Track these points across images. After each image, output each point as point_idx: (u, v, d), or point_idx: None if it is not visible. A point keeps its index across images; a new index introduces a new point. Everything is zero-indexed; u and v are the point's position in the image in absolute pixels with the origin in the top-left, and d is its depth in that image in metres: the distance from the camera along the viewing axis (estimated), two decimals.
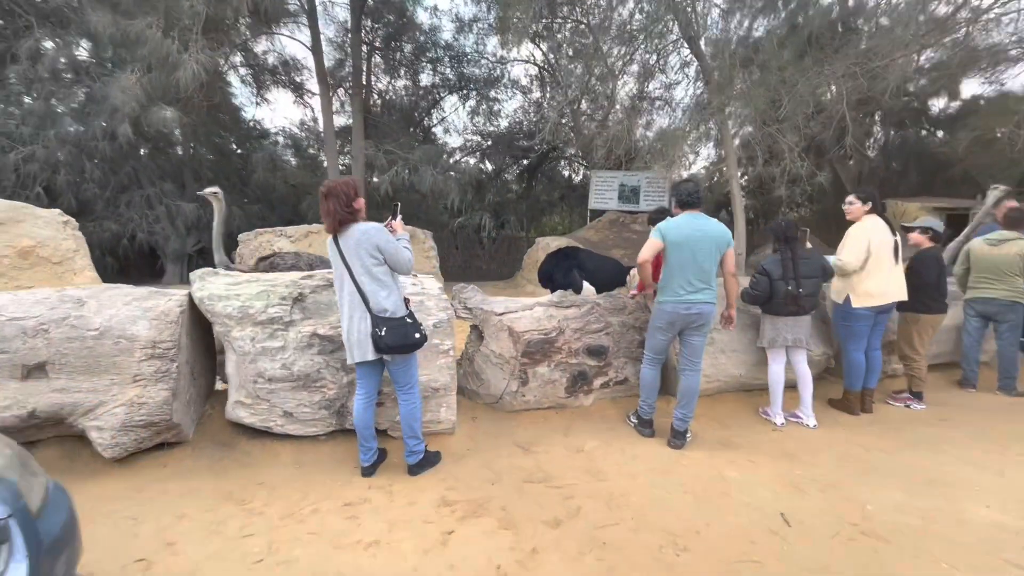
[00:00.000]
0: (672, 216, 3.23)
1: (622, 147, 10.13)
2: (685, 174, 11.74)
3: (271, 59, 13.67)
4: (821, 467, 2.94)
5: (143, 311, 2.69)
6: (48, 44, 10.43)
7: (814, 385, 3.65)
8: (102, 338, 2.59)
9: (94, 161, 10.99)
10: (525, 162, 18.60)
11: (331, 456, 2.93)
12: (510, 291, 10.56)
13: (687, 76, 11.18)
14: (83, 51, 11.46)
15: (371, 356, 2.56)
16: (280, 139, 16.70)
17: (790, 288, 3.42)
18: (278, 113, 34.55)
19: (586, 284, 4.92)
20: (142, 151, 12.35)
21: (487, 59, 16.05)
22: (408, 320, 2.60)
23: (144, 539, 2.17)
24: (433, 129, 17.45)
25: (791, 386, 3.70)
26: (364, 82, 13.13)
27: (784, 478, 2.78)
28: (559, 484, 2.71)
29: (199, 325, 3.08)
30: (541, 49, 15.45)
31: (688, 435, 3.22)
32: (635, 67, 11.53)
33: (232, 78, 13.88)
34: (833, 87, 8.58)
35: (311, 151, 17.28)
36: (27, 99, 10.69)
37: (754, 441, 3.30)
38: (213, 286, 2.89)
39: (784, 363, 3.61)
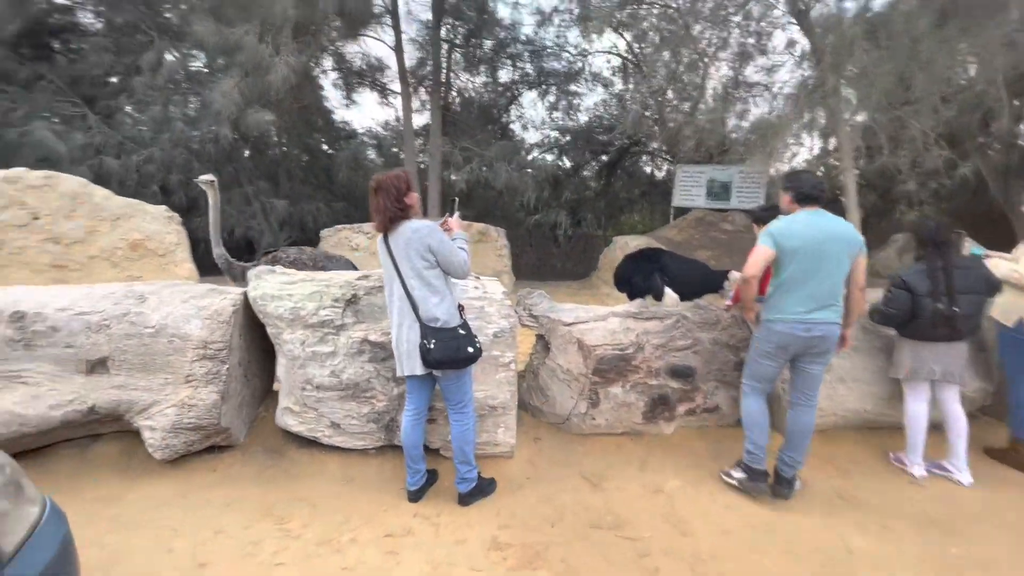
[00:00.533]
0: (784, 214, 2.63)
1: (713, 139, 9.24)
2: (786, 167, 10.53)
3: (357, 61, 14.17)
4: (987, 545, 2.23)
5: (197, 310, 2.61)
6: (168, 56, 11.50)
7: (969, 429, 2.87)
8: (157, 336, 2.54)
9: (202, 162, 11.97)
10: (604, 158, 17.90)
11: (379, 473, 2.70)
12: (585, 293, 10.06)
13: (793, 56, 9.98)
14: (196, 61, 12.55)
15: (420, 370, 2.27)
16: (365, 139, 17.39)
17: (941, 306, 2.69)
18: (365, 114, 36.32)
19: (669, 291, 4.36)
20: (246, 152, 13.31)
21: (568, 52, 15.59)
22: (461, 331, 2.28)
23: (178, 555, 2.03)
24: (510, 126, 17.29)
25: (934, 427, 2.94)
26: (443, 80, 13.18)
27: (936, 558, 2.12)
28: (632, 534, 2.27)
29: (256, 325, 2.98)
30: (625, 38, 14.71)
31: (797, 483, 2.62)
32: (730, 51, 10.52)
33: (324, 81, 14.60)
34: (980, 62, 7.16)
35: (393, 150, 17.83)
36: (149, 106, 11.84)
37: (886, 498, 2.63)
38: (267, 285, 2.76)
39: (927, 400, 2.86)
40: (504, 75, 15.70)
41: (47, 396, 2.47)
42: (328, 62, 13.64)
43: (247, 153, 13.25)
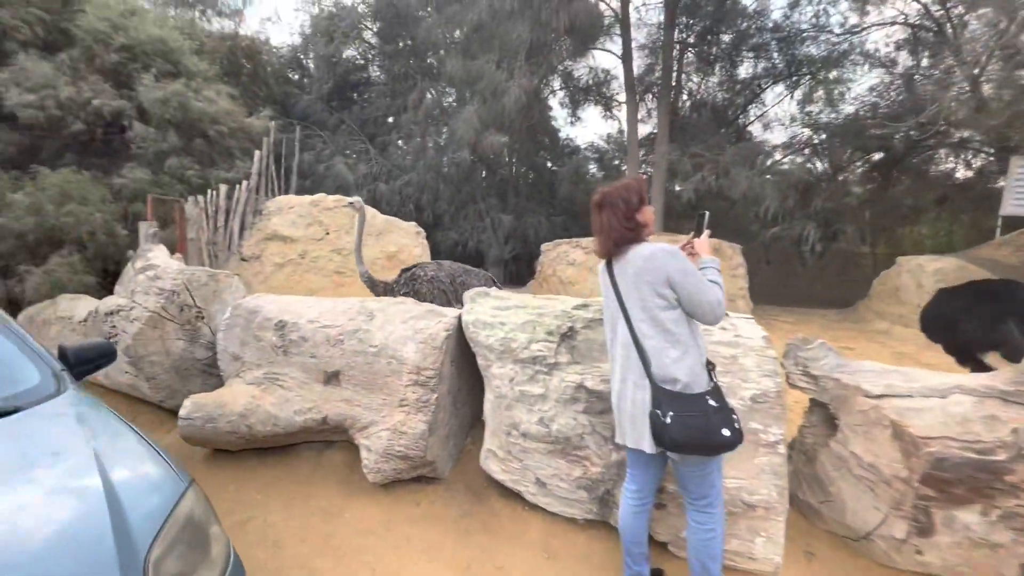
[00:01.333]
0: None
1: None
2: None
3: (584, 77, 14.30)
4: None
5: (413, 332, 2.52)
6: (427, 96, 13.46)
7: None
8: (379, 356, 2.52)
9: (447, 183, 13.62)
10: (877, 156, 14.24)
11: (586, 554, 2.18)
12: (848, 327, 7.89)
13: None
14: (448, 97, 14.42)
15: (649, 447, 1.67)
16: (587, 153, 17.54)
17: None
18: (588, 129, 37.22)
19: None
20: (482, 173, 14.73)
21: (830, 33, 12.92)
22: (711, 401, 1.60)
23: None
24: (748, 127, 15.19)
25: None
26: (673, 83, 12.25)
27: None
28: None
29: (469, 350, 2.80)
30: (920, 1, 11.40)
31: None
32: None
33: (551, 102, 15.21)
34: None
35: (614, 162, 17.55)
36: (411, 139, 14.04)
37: None
38: (481, 309, 2.53)
39: None
40: (743, 71, 13.88)
41: (294, 401, 2.67)
42: (556, 82, 14.11)
43: (483, 173, 14.58)
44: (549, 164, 16.46)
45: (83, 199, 6.15)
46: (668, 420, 1.56)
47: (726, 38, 13.27)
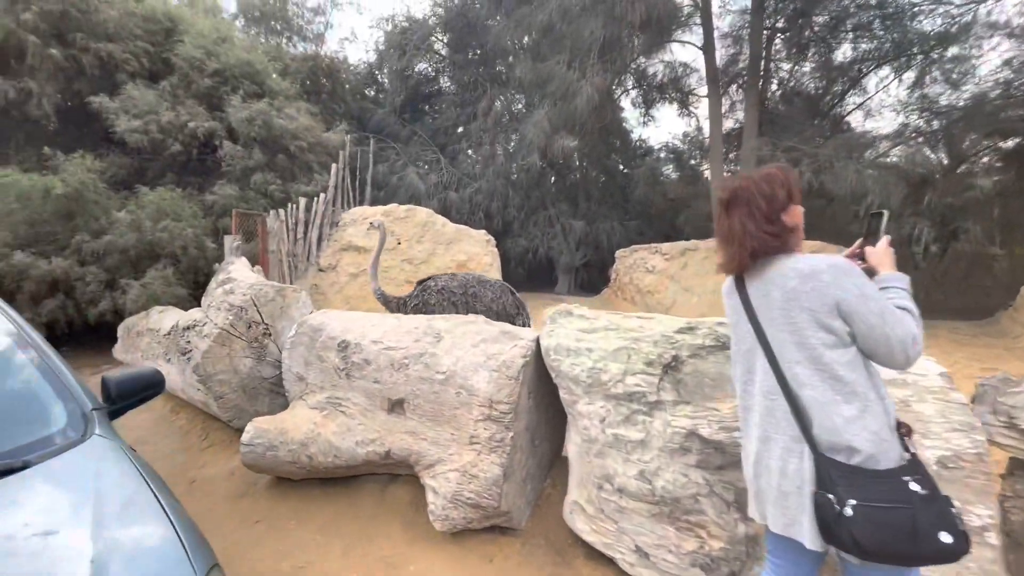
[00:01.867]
0: None
1: None
2: None
3: (658, 74, 13.55)
4: None
5: (486, 358, 2.18)
6: (496, 103, 13.36)
7: None
8: (446, 384, 2.21)
9: (516, 189, 13.41)
10: (1013, 142, 12.23)
11: None
12: (988, 343, 6.64)
13: None
14: (517, 103, 14.25)
15: (810, 542, 1.19)
16: (661, 154, 16.67)
17: None
18: (662, 129, 35.72)
19: None
20: (551, 180, 14.39)
21: (948, 4, 11.28)
22: (915, 486, 1.10)
23: None
24: (846, 117, 13.65)
25: None
26: (761, 72, 11.24)
27: None
28: None
29: (548, 376, 2.43)
30: None
31: None
32: None
33: (623, 102, 14.58)
34: None
35: (691, 162, 16.53)
36: (481, 146, 13.99)
37: None
38: (563, 332, 2.15)
39: None
40: (841, 54, 12.49)
41: (356, 431, 2.43)
42: (628, 82, 13.48)
43: (552, 178, 14.22)
44: (621, 167, 15.78)
45: (176, 215, 6.51)
46: (848, 511, 1.08)
47: (820, 19, 12.01)
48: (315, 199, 8.14)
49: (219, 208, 7.64)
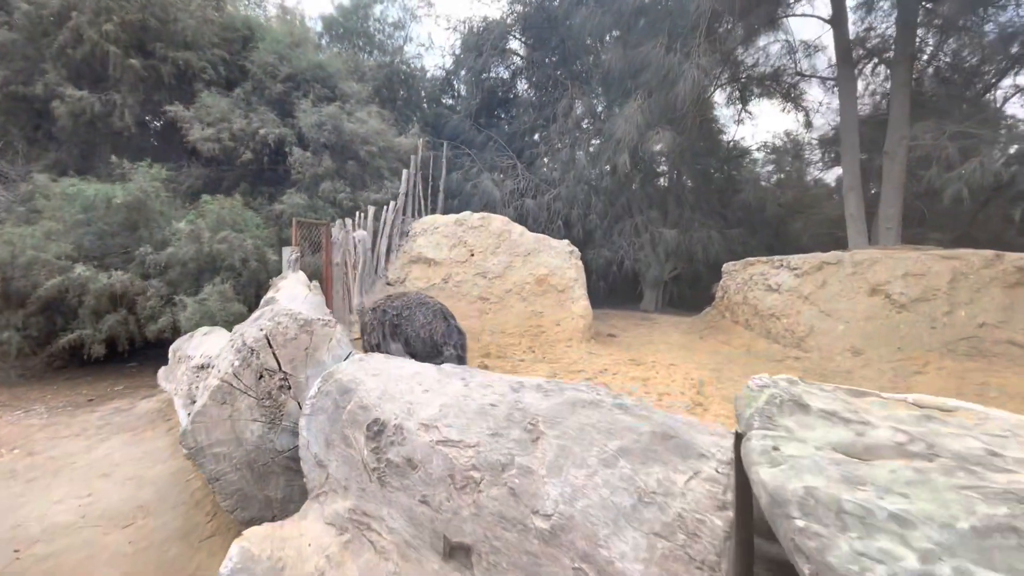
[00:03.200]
0: None
1: None
2: None
3: (761, 61, 11.77)
4: None
5: (635, 498, 1.07)
6: (576, 103, 12.28)
7: None
8: (551, 541, 1.13)
9: (598, 195, 12.20)
10: None
11: None
12: None
13: None
14: (599, 103, 13.06)
15: None
16: (762, 154, 14.71)
17: None
18: (759, 127, 32.63)
19: None
20: (634, 185, 13.02)
21: None
22: None
23: None
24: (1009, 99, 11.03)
25: None
26: (912, 45, 9.24)
27: None
28: None
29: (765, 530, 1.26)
30: None
31: None
32: None
33: (717, 98, 12.91)
34: None
35: (798, 163, 14.40)
36: (560, 151, 12.95)
37: None
38: (805, 458, 0.98)
39: None
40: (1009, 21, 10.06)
41: None
42: (724, 75, 11.84)
43: (638, 182, 12.83)
44: (713, 171, 14.02)
45: (238, 225, 6.04)
46: None
47: None
48: (384, 207, 7.49)
49: (286, 218, 7.19)
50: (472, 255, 7.53)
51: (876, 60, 9.57)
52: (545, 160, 13.03)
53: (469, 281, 7.43)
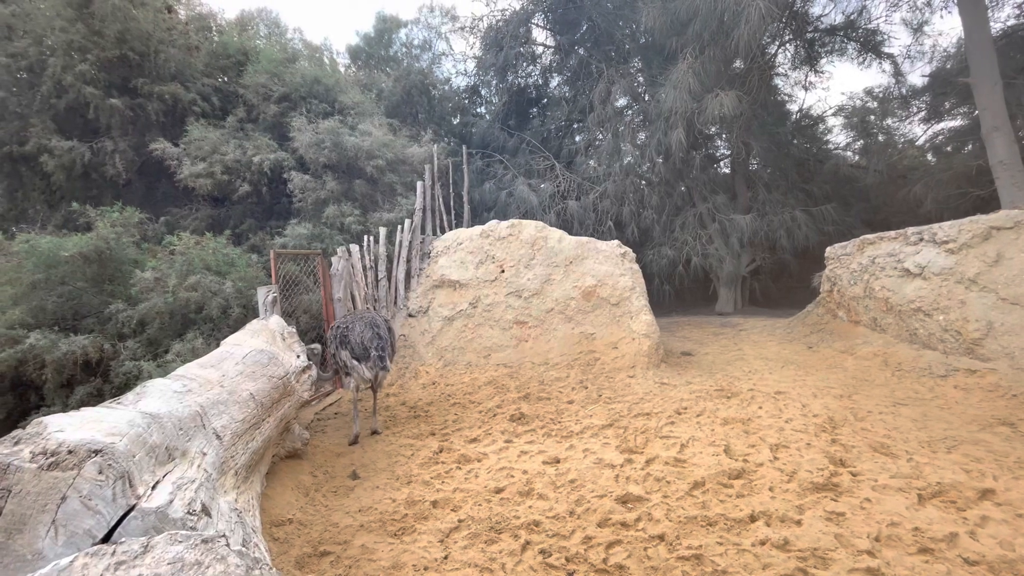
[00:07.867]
0: None
1: None
2: None
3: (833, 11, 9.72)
4: None
5: None
6: (614, 87, 10.76)
7: None
8: None
9: (651, 187, 10.55)
10: None
11: None
12: None
13: None
14: (638, 81, 11.46)
15: None
16: (840, 118, 12.37)
17: None
18: (832, 93, 29.02)
19: None
20: (693, 169, 11.22)
21: None
22: None
23: None
24: None
25: None
26: None
27: None
28: None
29: None
30: None
31: None
32: None
33: (780, 59, 10.90)
34: None
35: (893, 120, 11.94)
36: (601, 142, 11.43)
37: None
38: None
39: None
40: None
41: None
42: (785, 33, 9.86)
43: (696, 165, 11.01)
44: (791, 138, 11.87)
45: (220, 268, 5.10)
46: None
47: None
48: (398, 228, 6.37)
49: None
50: (502, 271, 6.20)
51: None
52: (586, 156, 11.58)
53: (501, 303, 6.10)
